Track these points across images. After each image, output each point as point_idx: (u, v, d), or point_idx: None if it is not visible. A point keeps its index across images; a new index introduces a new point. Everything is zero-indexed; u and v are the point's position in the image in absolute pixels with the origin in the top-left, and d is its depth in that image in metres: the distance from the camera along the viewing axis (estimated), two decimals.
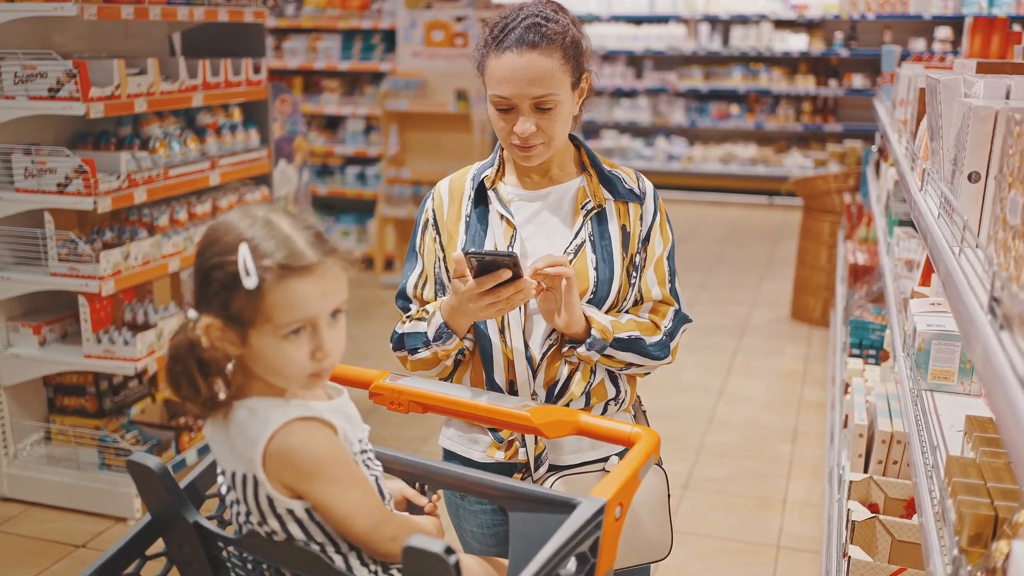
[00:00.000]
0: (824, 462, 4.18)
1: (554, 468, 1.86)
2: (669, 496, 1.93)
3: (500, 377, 1.84)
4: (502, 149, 1.95)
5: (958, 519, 1.41)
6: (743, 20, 10.70)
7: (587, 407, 1.87)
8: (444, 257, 1.90)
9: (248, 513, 1.39)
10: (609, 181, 1.91)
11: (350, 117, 7.83)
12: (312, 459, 1.31)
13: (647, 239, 1.91)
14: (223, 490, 1.48)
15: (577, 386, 1.85)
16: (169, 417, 4.28)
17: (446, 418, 1.97)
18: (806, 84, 10.52)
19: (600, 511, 1.40)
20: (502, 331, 1.83)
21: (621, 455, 1.90)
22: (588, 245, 1.85)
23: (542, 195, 1.89)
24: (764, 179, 10.66)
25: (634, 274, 1.89)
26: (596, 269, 1.84)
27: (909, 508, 2.34)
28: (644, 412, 2.05)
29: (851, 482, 2.36)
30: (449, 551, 1.18)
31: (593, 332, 1.78)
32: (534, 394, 1.83)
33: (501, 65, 1.75)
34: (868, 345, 3.50)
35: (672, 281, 1.94)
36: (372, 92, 7.71)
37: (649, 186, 1.95)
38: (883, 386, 2.79)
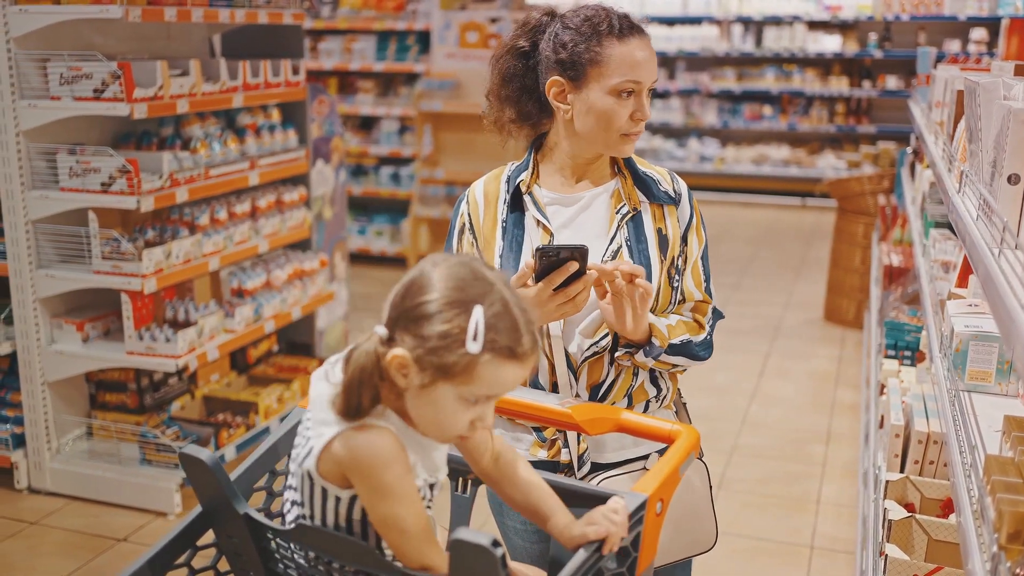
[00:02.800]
0: (858, 463, 4.18)
1: (596, 466, 1.88)
2: (711, 487, 1.94)
3: (544, 379, 1.87)
4: (535, 151, 1.96)
5: (997, 517, 1.42)
6: (776, 21, 10.66)
7: (629, 408, 1.88)
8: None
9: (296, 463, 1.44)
10: (644, 183, 1.92)
11: (384, 118, 7.89)
12: (370, 464, 1.35)
13: (684, 241, 1.93)
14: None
15: (619, 389, 1.87)
16: (208, 414, 4.35)
17: None
18: (839, 85, 10.46)
19: (642, 506, 1.42)
20: (541, 339, 1.84)
21: (662, 452, 1.92)
22: (624, 250, 1.87)
23: (577, 198, 1.91)
24: (797, 180, 10.61)
25: (676, 277, 1.91)
26: None
27: (945, 508, 2.34)
28: (684, 405, 2.06)
29: (887, 482, 2.37)
30: (496, 543, 1.21)
31: (652, 339, 1.80)
32: (576, 396, 1.85)
33: (628, 51, 1.80)
34: (904, 346, 3.49)
35: (707, 281, 1.96)
36: (406, 93, 7.76)
37: (684, 187, 1.97)
38: (919, 387, 2.79)
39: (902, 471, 2.52)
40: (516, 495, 1.53)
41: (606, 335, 1.84)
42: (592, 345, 1.84)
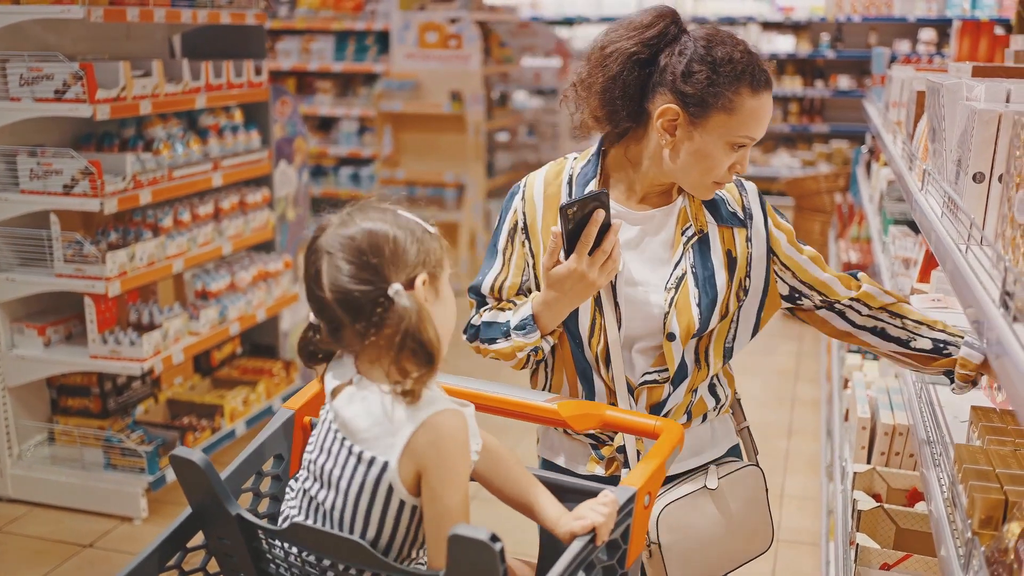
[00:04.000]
0: (820, 457, 4.26)
1: None
2: (767, 490, 1.93)
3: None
4: (602, 156, 1.85)
5: (970, 503, 1.47)
6: (731, 22, 10.78)
7: (688, 423, 1.85)
8: (534, 264, 1.84)
9: (345, 490, 1.43)
10: (712, 203, 1.84)
11: (343, 118, 7.86)
12: (454, 445, 1.38)
13: (773, 254, 1.85)
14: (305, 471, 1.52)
15: (679, 408, 1.84)
16: (172, 417, 4.31)
17: (542, 432, 1.97)
18: (793, 85, 10.61)
19: (631, 499, 1.45)
20: (598, 364, 1.81)
21: (718, 462, 1.89)
22: (690, 277, 1.78)
23: (645, 218, 1.82)
24: (752, 179, 10.66)
25: (743, 297, 1.83)
26: (699, 306, 1.78)
27: (911, 497, 2.41)
28: (739, 401, 2.02)
29: (855, 473, 2.43)
30: (495, 538, 1.23)
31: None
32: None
33: (759, 106, 1.70)
34: None
35: (824, 259, 1.91)
36: (365, 93, 7.74)
37: (753, 201, 1.88)
38: (883, 380, 2.86)
39: (868, 462, 2.58)
40: (505, 488, 1.55)
41: (666, 369, 1.80)
42: (654, 373, 1.81)
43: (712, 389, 1.89)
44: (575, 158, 1.89)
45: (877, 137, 4.33)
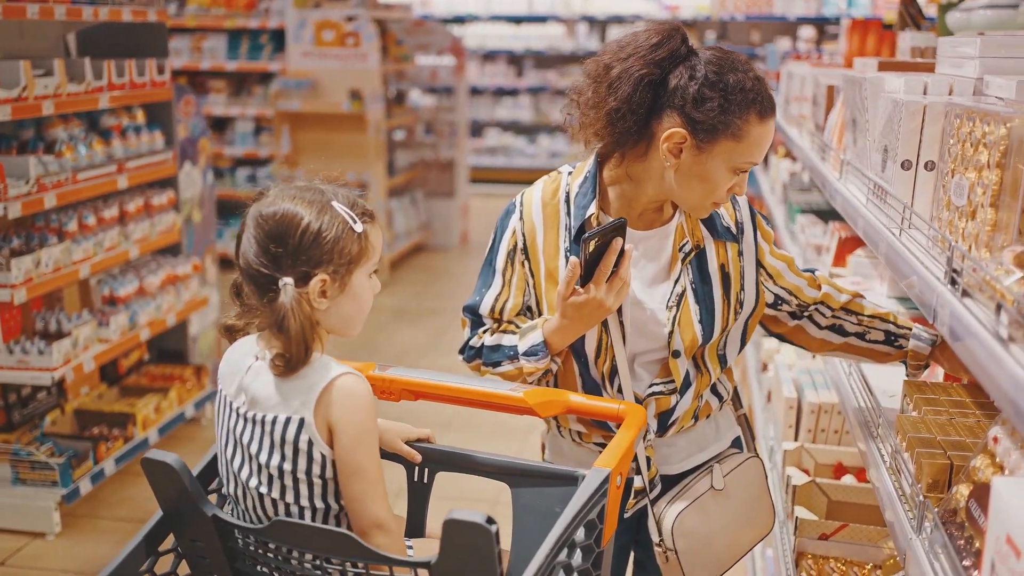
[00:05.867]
0: None
1: (665, 479, 1.89)
2: (767, 476, 1.99)
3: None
4: (600, 173, 1.84)
5: (918, 469, 1.57)
6: (619, 20, 11.00)
7: (695, 424, 1.89)
8: (534, 284, 1.84)
9: (266, 464, 1.50)
10: (708, 217, 1.85)
11: (239, 118, 7.71)
12: (361, 404, 1.49)
13: (760, 265, 1.90)
14: (231, 447, 1.57)
15: (687, 413, 1.87)
16: (81, 428, 4.16)
17: (550, 439, 1.98)
18: None
19: (606, 480, 1.50)
20: (604, 381, 1.82)
21: (720, 459, 1.93)
22: (690, 294, 1.81)
23: (644, 237, 1.83)
24: None
25: (739, 311, 1.87)
26: (701, 322, 1.81)
27: (837, 471, 2.54)
28: (736, 389, 2.04)
29: (785, 451, 2.54)
30: (490, 521, 1.26)
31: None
32: (645, 430, 1.83)
33: (764, 132, 1.70)
34: None
35: (795, 261, 1.96)
36: (261, 92, 7.61)
37: (746, 215, 1.90)
38: (802, 363, 2.99)
39: (796, 440, 2.70)
40: None
41: (671, 381, 1.83)
42: (660, 384, 1.84)
43: (715, 389, 1.93)
44: (570, 173, 1.89)
45: (777, 130, 4.51)
